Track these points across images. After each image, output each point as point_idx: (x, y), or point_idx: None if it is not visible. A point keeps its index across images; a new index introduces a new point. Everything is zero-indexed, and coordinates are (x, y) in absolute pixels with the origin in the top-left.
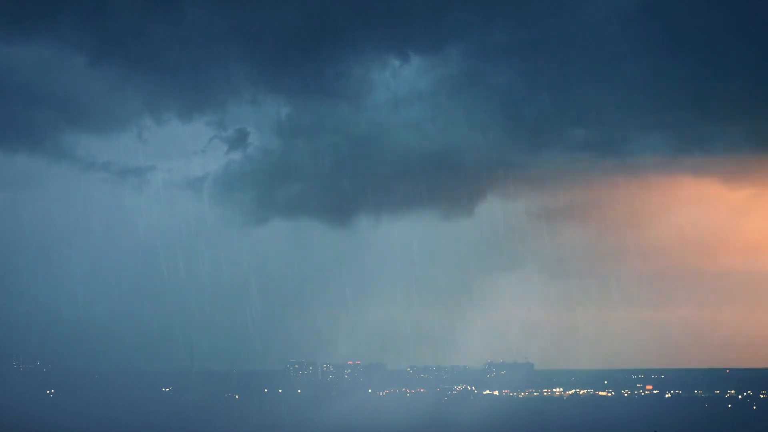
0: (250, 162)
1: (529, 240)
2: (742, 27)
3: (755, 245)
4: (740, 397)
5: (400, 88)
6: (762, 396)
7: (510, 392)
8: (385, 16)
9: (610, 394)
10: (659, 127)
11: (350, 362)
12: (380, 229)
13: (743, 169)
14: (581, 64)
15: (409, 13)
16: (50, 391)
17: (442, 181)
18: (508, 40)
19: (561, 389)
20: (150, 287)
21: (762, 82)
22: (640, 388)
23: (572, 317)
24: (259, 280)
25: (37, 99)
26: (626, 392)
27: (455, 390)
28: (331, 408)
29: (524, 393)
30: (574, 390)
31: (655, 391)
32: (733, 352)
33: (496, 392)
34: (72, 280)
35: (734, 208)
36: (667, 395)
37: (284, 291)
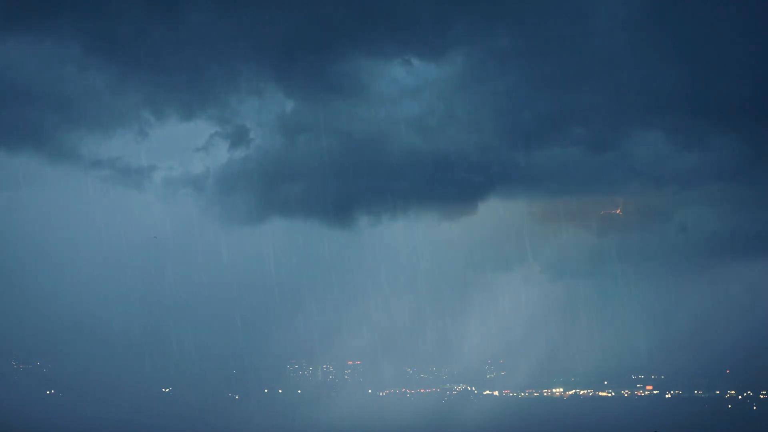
0: (251, 160)
1: (529, 240)
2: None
3: None
4: (740, 397)
5: (402, 90)
6: (762, 396)
7: (510, 392)
8: (387, 19)
9: (610, 395)
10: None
11: (350, 362)
12: (380, 228)
13: None
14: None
15: (411, 17)
16: (50, 391)
17: (443, 180)
18: (512, 45)
19: (561, 389)
20: (150, 286)
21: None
22: (640, 388)
23: (573, 317)
24: (259, 279)
25: (36, 98)
26: (626, 392)
27: (455, 390)
28: (331, 408)
29: (524, 393)
30: (574, 390)
31: (655, 391)
32: (733, 353)
33: (496, 392)
34: (72, 280)
35: None
36: (667, 395)
37: (285, 290)
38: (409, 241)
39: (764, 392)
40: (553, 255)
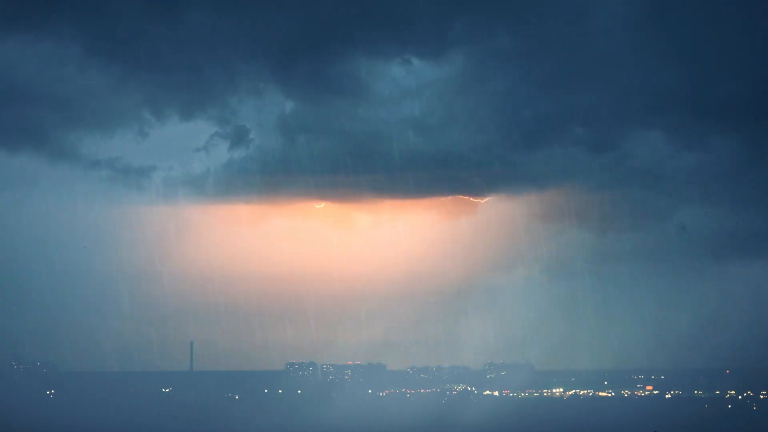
0: (251, 160)
1: (529, 240)
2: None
3: None
4: (740, 397)
5: (401, 90)
6: (762, 396)
7: (510, 392)
8: (387, 19)
9: (610, 395)
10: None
11: (350, 362)
12: (380, 227)
13: None
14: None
15: (412, 17)
16: (50, 391)
17: (443, 180)
18: (512, 45)
19: (561, 389)
20: (150, 286)
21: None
22: (640, 388)
23: (572, 317)
24: (259, 279)
25: (36, 98)
26: (626, 392)
27: (455, 390)
28: (331, 408)
29: (524, 393)
30: (574, 390)
31: (655, 392)
32: (733, 352)
33: (496, 392)
34: (72, 280)
35: None
36: (667, 395)
37: (285, 290)
38: (409, 239)
39: (764, 392)
40: (553, 254)
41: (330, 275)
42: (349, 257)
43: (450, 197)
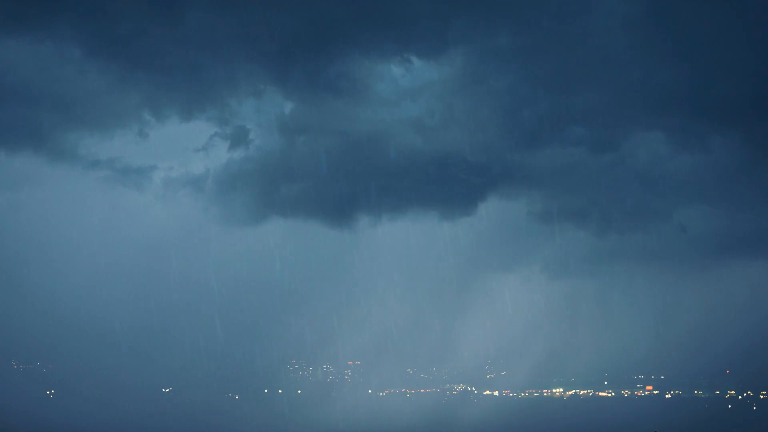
0: (250, 160)
1: (529, 240)
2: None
3: None
4: (740, 397)
5: (401, 90)
6: (762, 396)
7: (510, 392)
8: (387, 19)
9: (610, 395)
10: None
11: (350, 362)
12: (380, 228)
13: None
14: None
15: (411, 16)
16: (50, 391)
17: (442, 180)
18: (512, 45)
19: (561, 389)
20: (150, 286)
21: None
22: (640, 388)
23: (572, 317)
24: (259, 279)
25: (36, 98)
26: (626, 392)
27: (455, 390)
28: (331, 408)
29: (524, 393)
30: (574, 390)
31: (655, 392)
32: (733, 352)
33: (496, 392)
34: (72, 280)
35: None
36: (667, 395)
37: (284, 290)
38: (409, 240)
39: (764, 392)
40: (554, 254)
41: (329, 275)
42: (348, 257)
43: (449, 197)
